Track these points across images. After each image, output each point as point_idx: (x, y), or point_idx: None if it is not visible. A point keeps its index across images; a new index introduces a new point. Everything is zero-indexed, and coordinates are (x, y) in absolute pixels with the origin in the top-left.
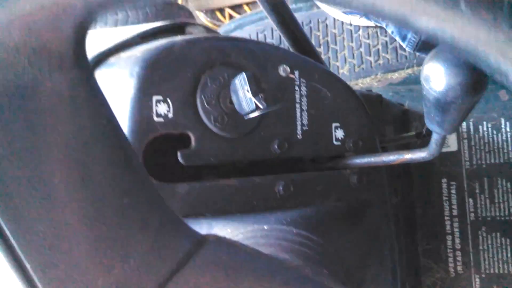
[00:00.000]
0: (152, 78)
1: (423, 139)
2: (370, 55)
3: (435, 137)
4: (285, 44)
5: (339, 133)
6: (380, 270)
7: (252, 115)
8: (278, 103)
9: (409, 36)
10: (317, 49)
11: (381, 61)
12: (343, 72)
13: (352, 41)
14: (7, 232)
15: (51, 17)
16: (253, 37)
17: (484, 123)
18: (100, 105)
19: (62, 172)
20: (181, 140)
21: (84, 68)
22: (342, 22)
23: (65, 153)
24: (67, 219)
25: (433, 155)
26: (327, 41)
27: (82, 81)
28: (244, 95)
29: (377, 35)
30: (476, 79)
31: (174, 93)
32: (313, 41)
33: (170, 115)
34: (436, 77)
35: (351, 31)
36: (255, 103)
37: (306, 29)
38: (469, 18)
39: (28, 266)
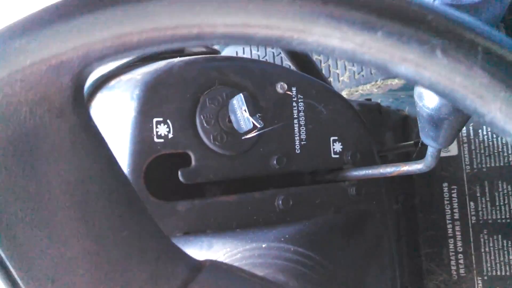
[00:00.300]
0: (152, 100)
1: (421, 148)
2: None
3: (430, 151)
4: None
5: (337, 146)
6: (380, 280)
7: (250, 135)
8: (275, 124)
9: None
10: (317, 57)
11: None
12: (343, 79)
13: None
14: (11, 269)
15: (50, 70)
16: (254, 48)
17: (484, 127)
18: (99, 147)
19: (63, 210)
20: (182, 158)
21: (82, 114)
22: None
23: (66, 193)
24: (69, 254)
25: (429, 167)
26: None
27: (81, 126)
28: (242, 115)
29: None
30: None
31: (174, 114)
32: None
33: (170, 135)
34: (429, 95)
35: None
36: (253, 123)
37: None
38: (445, 65)
39: None
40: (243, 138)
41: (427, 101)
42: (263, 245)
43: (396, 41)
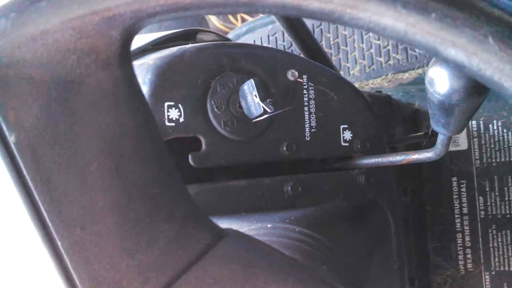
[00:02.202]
0: (164, 84)
1: (431, 139)
2: (380, 56)
3: (441, 138)
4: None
5: (347, 135)
6: (386, 269)
7: (260, 119)
8: (286, 107)
9: None
10: (328, 50)
11: (391, 62)
12: (354, 73)
13: (362, 42)
14: (43, 211)
15: (102, 22)
16: (265, 40)
17: (494, 121)
18: (139, 103)
19: (98, 161)
20: (192, 143)
21: (127, 69)
22: None
23: (103, 145)
24: (99, 204)
25: (439, 155)
26: (338, 43)
27: (124, 81)
28: (252, 100)
29: None
30: (479, 82)
31: (185, 99)
32: (323, 43)
33: (181, 119)
34: (440, 80)
35: (361, 32)
36: (263, 108)
37: (316, 31)
38: (496, 52)
39: (59, 243)
40: (253, 122)
41: (438, 87)
42: (268, 225)
43: (448, 25)
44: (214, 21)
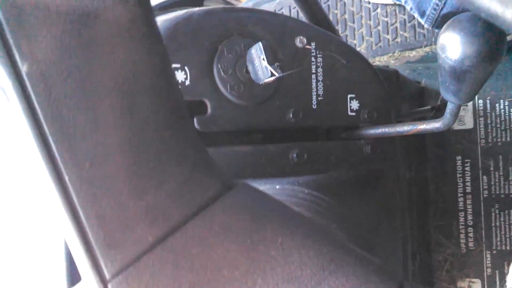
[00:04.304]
0: (170, 47)
1: (437, 113)
2: (388, 33)
3: (450, 107)
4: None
5: (354, 104)
6: (391, 240)
7: (267, 80)
8: (292, 78)
9: (428, 12)
10: (335, 27)
11: (398, 39)
12: (361, 50)
13: (370, 19)
14: (52, 144)
15: None
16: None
17: (501, 101)
18: (155, 43)
19: (111, 98)
20: (198, 107)
21: (145, 6)
22: (361, 0)
23: (117, 82)
24: (109, 142)
25: (448, 125)
26: (345, 19)
27: (142, 18)
28: (260, 64)
29: (396, 13)
30: (491, 48)
31: (191, 62)
32: (330, 19)
33: (187, 82)
34: (452, 46)
35: (369, 9)
36: (271, 71)
37: (324, 7)
38: None
39: (66, 178)
40: (260, 87)
41: (450, 52)
42: (277, 186)
43: None
44: None
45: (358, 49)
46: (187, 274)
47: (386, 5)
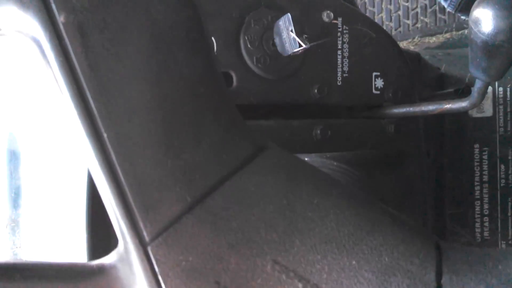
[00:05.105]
0: None
1: (461, 97)
2: (408, 18)
3: (478, 85)
4: None
5: (379, 83)
6: (412, 217)
7: (295, 51)
8: (318, 53)
9: None
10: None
11: (419, 25)
12: None
13: (390, 4)
14: (90, 100)
15: None
16: None
17: None
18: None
19: (147, 51)
20: (224, 79)
21: None
22: None
23: (152, 34)
24: (147, 97)
25: (475, 104)
26: (365, 3)
27: None
28: (287, 36)
29: None
30: None
31: (218, 32)
32: None
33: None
34: (485, 20)
35: None
36: (299, 43)
37: None
38: None
39: (105, 135)
40: (286, 61)
41: (484, 26)
42: (306, 158)
43: None
44: None
45: None
46: (226, 235)
47: None
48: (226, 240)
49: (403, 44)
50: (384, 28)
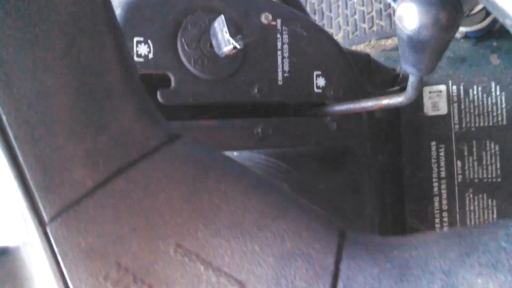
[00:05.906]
0: (133, 20)
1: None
2: (364, 22)
3: (411, 80)
4: None
5: (320, 81)
6: (358, 215)
7: (228, 51)
8: (258, 54)
9: None
10: (312, 16)
11: (375, 28)
12: (338, 38)
13: (346, 8)
14: None
15: None
16: None
17: (475, 86)
18: None
19: (51, 37)
20: (161, 81)
21: None
22: None
23: (58, 24)
24: (48, 83)
25: (410, 99)
26: (322, 8)
27: None
28: (222, 37)
29: (372, 2)
30: (447, 17)
31: (155, 35)
32: (308, 9)
33: (151, 55)
34: (409, 16)
35: None
36: (233, 44)
37: None
38: None
39: (3, 118)
40: (224, 62)
41: (407, 22)
42: (235, 153)
43: None
44: None
45: (335, 38)
46: (128, 218)
47: None
48: (128, 223)
49: (360, 48)
50: (342, 32)
